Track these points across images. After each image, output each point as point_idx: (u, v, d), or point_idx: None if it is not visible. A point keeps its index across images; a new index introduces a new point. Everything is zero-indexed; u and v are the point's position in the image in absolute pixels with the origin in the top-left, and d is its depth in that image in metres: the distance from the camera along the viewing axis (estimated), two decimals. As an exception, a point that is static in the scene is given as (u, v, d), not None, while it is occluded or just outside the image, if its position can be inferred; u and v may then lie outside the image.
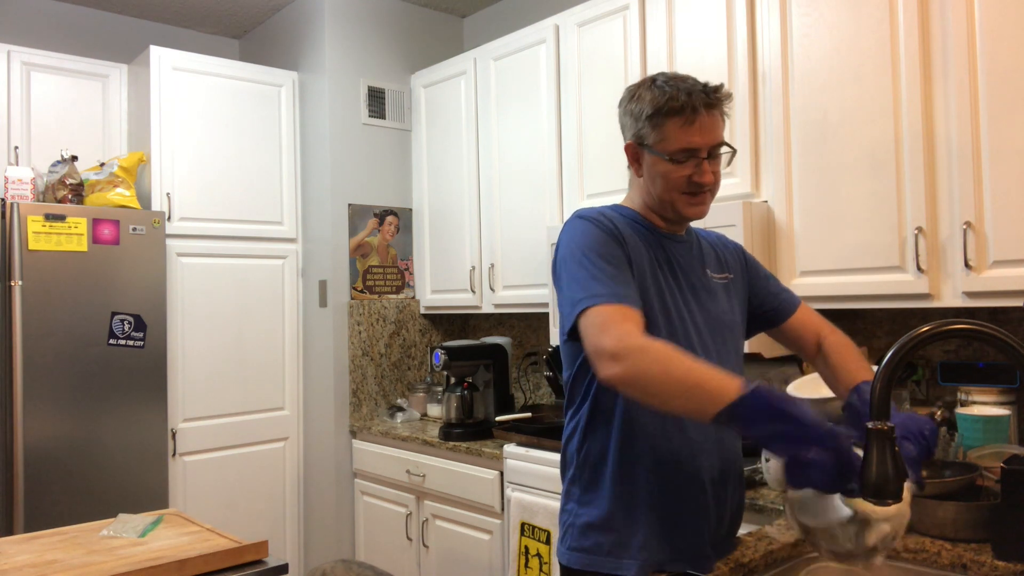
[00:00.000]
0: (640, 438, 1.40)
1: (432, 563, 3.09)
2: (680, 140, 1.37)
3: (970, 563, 1.46)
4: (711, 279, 1.51)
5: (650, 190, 1.44)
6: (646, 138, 1.41)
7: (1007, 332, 1.06)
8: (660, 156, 1.39)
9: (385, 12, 3.76)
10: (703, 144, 1.37)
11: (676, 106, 1.36)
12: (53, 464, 2.93)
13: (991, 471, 1.67)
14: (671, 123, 1.37)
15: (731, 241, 1.66)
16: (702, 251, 1.54)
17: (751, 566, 1.44)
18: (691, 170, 1.38)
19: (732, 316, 1.53)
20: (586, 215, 1.43)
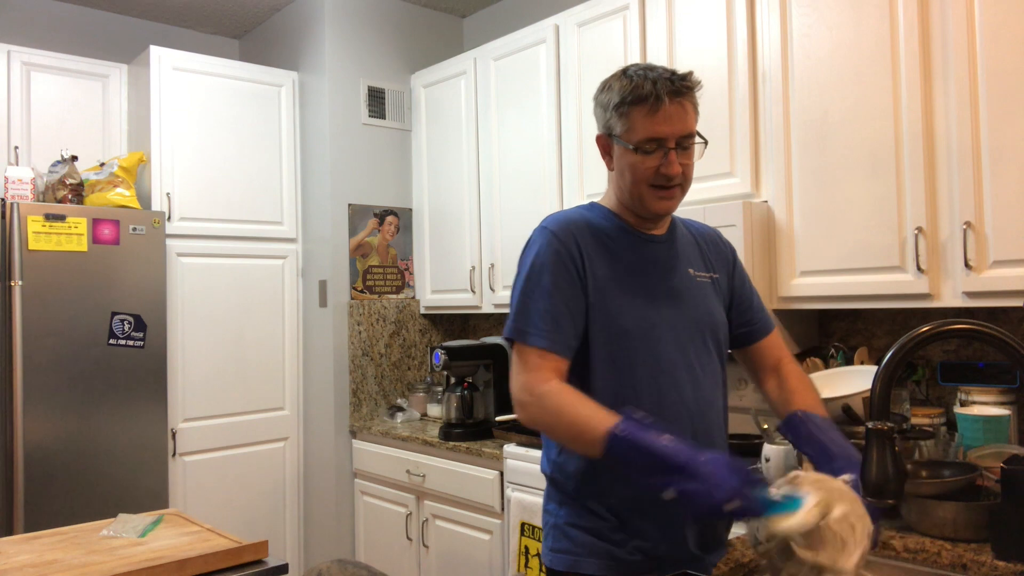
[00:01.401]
0: None
1: (432, 563, 3.09)
2: (645, 129, 1.34)
3: (970, 563, 1.46)
4: (694, 278, 1.47)
5: (620, 184, 1.41)
6: (614, 128, 1.38)
7: (1007, 332, 1.06)
8: (626, 146, 1.36)
9: (385, 12, 3.76)
10: (670, 134, 1.34)
11: (641, 95, 1.33)
12: (53, 464, 2.93)
13: (991, 471, 1.67)
14: (636, 112, 1.34)
15: (726, 241, 1.61)
16: (684, 249, 1.49)
17: (751, 566, 1.44)
18: (658, 161, 1.35)
19: (717, 316, 1.49)
20: (552, 227, 1.40)
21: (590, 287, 1.36)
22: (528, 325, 1.33)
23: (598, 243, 1.40)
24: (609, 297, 1.36)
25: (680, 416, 1.38)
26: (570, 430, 1.27)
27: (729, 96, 2.44)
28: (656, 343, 1.38)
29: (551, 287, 1.34)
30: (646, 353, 1.37)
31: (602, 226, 1.42)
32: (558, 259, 1.35)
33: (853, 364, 2.33)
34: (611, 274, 1.37)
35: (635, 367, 1.36)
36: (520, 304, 1.36)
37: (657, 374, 1.37)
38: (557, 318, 1.32)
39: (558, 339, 1.32)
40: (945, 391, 2.29)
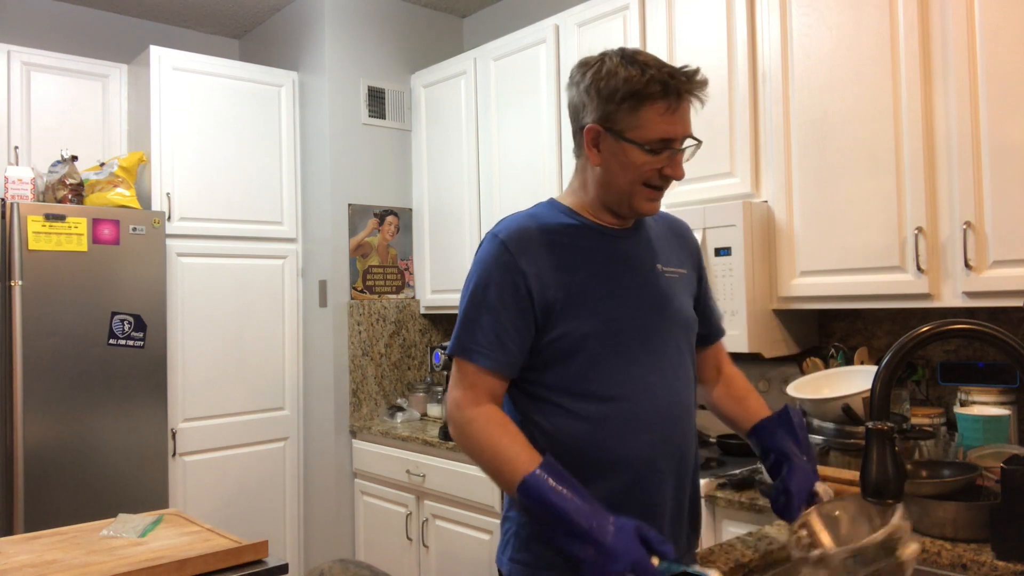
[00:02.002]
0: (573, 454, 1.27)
1: (432, 563, 3.09)
2: (660, 128, 1.23)
3: (970, 563, 1.46)
4: (662, 274, 1.37)
5: (606, 180, 1.29)
6: (617, 123, 1.24)
7: (1007, 332, 1.06)
8: (635, 145, 1.24)
9: (385, 12, 3.76)
10: (681, 134, 1.25)
11: (658, 90, 1.22)
12: (53, 464, 2.93)
13: (991, 471, 1.67)
14: (651, 109, 1.22)
15: (692, 235, 1.53)
16: (653, 243, 1.39)
17: (751, 566, 1.44)
18: (664, 162, 1.25)
19: (688, 313, 1.40)
20: (503, 235, 1.29)
21: (543, 302, 1.26)
22: (471, 342, 1.26)
23: (555, 248, 1.29)
24: (569, 306, 1.27)
25: (651, 423, 1.30)
26: (489, 464, 1.22)
27: (729, 96, 2.44)
28: (624, 347, 1.29)
29: (496, 303, 1.26)
30: (613, 358, 1.28)
31: (560, 228, 1.32)
32: (505, 273, 1.26)
33: (853, 364, 2.33)
34: (571, 279, 1.28)
35: (602, 374, 1.28)
36: (464, 319, 1.29)
37: (625, 380, 1.29)
38: (501, 336, 1.25)
39: (500, 358, 1.25)
40: (945, 391, 2.29)
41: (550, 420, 1.29)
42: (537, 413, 1.31)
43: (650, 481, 1.29)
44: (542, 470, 1.15)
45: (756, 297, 2.30)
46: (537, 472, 1.15)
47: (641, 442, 1.28)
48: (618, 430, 1.27)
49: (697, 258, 1.50)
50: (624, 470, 1.27)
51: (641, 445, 1.28)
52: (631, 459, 1.28)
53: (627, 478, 1.28)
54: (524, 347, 1.28)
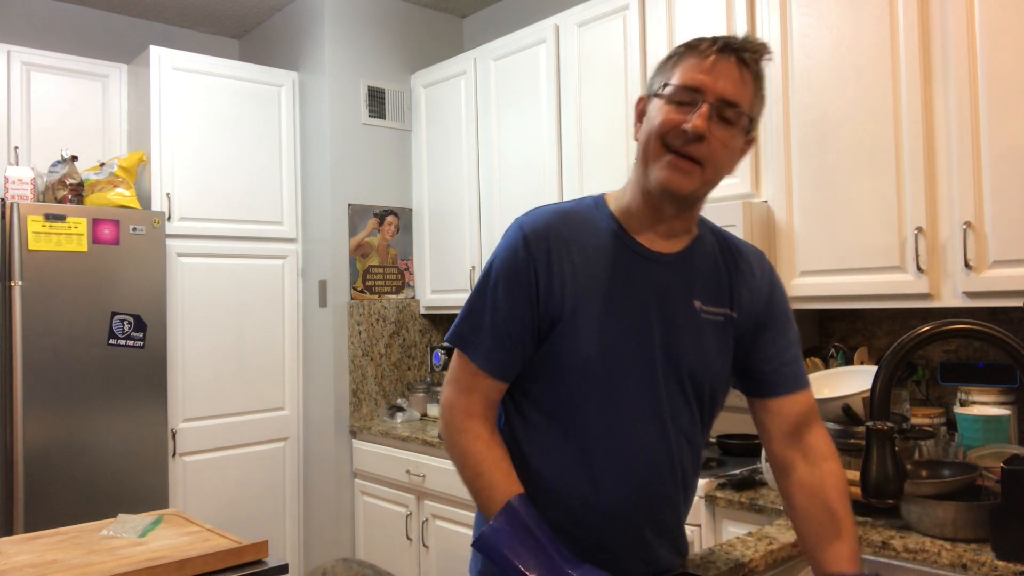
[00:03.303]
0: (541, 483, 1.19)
1: (432, 563, 3.09)
2: (685, 75, 1.11)
3: (970, 563, 1.46)
4: (698, 313, 1.20)
5: (638, 153, 1.16)
6: (654, 84, 1.16)
7: (1007, 332, 1.06)
8: (658, 94, 1.13)
9: (385, 12, 3.76)
10: (710, 86, 1.09)
11: (695, 43, 1.13)
12: (53, 464, 2.93)
13: (991, 471, 1.67)
14: (685, 62, 1.12)
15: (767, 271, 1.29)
16: (697, 275, 1.21)
17: (751, 566, 1.44)
18: (686, 116, 1.09)
19: (714, 364, 1.22)
20: (526, 229, 1.19)
21: (549, 311, 1.16)
22: (471, 335, 1.19)
23: (578, 255, 1.17)
24: (574, 323, 1.15)
25: (629, 475, 1.17)
26: (469, 485, 1.18)
27: (729, 96, 2.44)
28: (622, 386, 1.16)
29: (504, 301, 1.17)
30: (606, 395, 1.16)
31: (592, 236, 1.18)
32: (518, 270, 1.16)
33: (853, 364, 2.33)
34: (583, 296, 1.15)
35: (588, 408, 1.16)
36: (471, 309, 1.21)
37: (614, 421, 1.16)
38: (502, 337, 1.16)
39: (499, 360, 1.17)
40: (945, 391, 2.29)
41: (525, 437, 1.21)
42: (516, 425, 1.23)
43: (613, 530, 1.18)
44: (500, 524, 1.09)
45: (756, 297, 2.30)
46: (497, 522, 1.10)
47: (613, 491, 1.17)
48: (591, 473, 1.17)
49: (764, 298, 1.26)
50: (588, 514, 1.17)
51: (612, 494, 1.17)
52: (598, 505, 1.17)
53: (584, 520, 1.18)
54: (525, 353, 1.18)
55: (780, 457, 1.25)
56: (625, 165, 2.72)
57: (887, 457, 1.06)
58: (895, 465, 1.06)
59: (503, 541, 1.08)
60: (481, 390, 1.19)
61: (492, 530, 1.10)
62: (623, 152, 2.74)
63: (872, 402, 1.10)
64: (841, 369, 2.24)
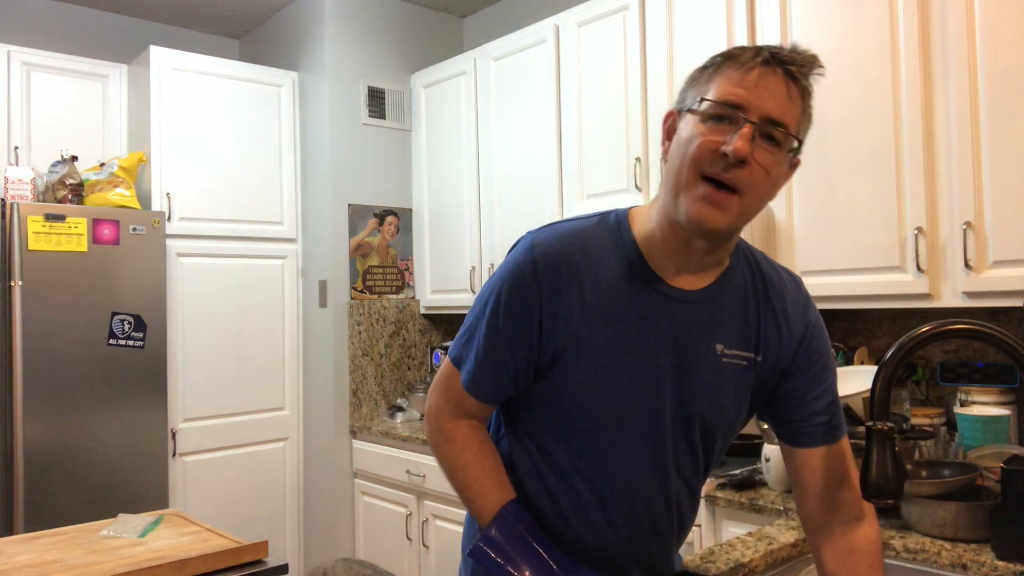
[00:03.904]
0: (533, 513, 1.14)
1: (432, 563, 3.09)
2: (725, 89, 0.97)
3: (970, 563, 1.46)
4: (719, 357, 1.09)
5: (667, 175, 1.02)
6: (687, 99, 1.02)
7: (1007, 332, 1.06)
8: (693, 110, 0.99)
9: (385, 12, 3.76)
10: (754, 103, 0.95)
11: (737, 52, 0.99)
12: (53, 464, 2.93)
13: (991, 471, 1.67)
14: (724, 74, 0.98)
15: (806, 308, 1.16)
16: (723, 315, 1.09)
17: (751, 566, 1.44)
18: (725, 137, 0.95)
19: (730, 414, 1.13)
20: (537, 252, 1.07)
21: (551, 346, 1.06)
22: (466, 358, 1.12)
23: (591, 288, 1.05)
24: (579, 363, 1.06)
25: (624, 520, 1.12)
26: (460, 493, 1.16)
27: (729, 96, 2.44)
28: (625, 431, 1.08)
29: (503, 330, 1.07)
30: (608, 440, 1.08)
31: (610, 264, 1.06)
32: (523, 299, 1.06)
33: (853, 364, 2.33)
34: (591, 334, 1.05)
35: (588, 453, 1.10)
36: (470, 327, 1.13)
37: (613, 467, 1.09)
38: (496, 367, 1.08)
39: (490, 388, 1.11)
40: (945, 391, 2.29)
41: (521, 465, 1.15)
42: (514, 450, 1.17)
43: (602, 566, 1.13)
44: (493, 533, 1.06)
45: (756, 297, 2.30)
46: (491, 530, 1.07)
47: (606, 534, 1.11)
48: (585, 514, 1.11)
49: (798, 340, 1.13)
50: (577, 550, 1.13)
51: (605, 537, 1.12)
52: (589, 546, 1.12)
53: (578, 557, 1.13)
54: (520, 382, 1.10)
55: (811, 515, 1.16)
56: (625, 165, 2.72)
57: (887, 457, 1.06)
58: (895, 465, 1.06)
59: (497, 549, 1.05)
60: (467, 407, 1.15)
61: (486, 539, 1.06)
62: (623, 152, 2.74)
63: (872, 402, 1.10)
64: (841, 369, 2.24)
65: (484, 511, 1.10)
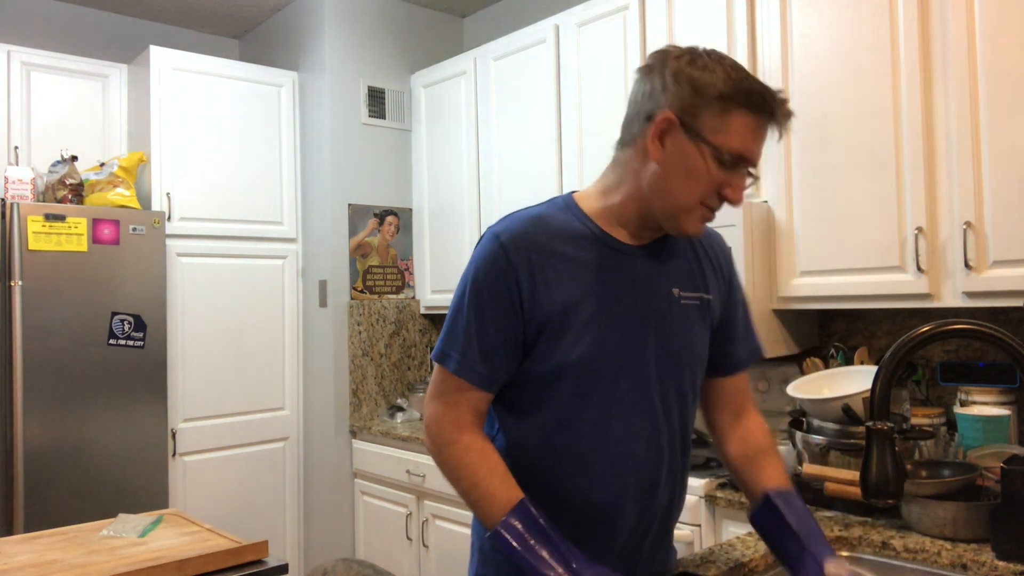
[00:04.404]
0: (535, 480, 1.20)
1: (432, 563, 3.09)
2: (742, 142, 1.09)
3: (970, 563, 1.46)
4: (678, 300, 1.22)
5: (660, 184, 1.12)
6: (700, 119, 1.08)
7: (1007, 332, 1.06)
8: (712, 149, 1.08)
9: (385, 12, 3.76)
10: (754, 154, 1.11)
11: (756, 103, 1.09)
12: (53, 464, 2.93)
13: (991, 471, 1.67)
14: (742, 119, 1.08)
15: (725, 249, 1.34)
16: (671, 263, 1.24)
17: (751, 566, 1.44)
18: (730, 180, 1.11)
19: (699, 349, 1.26)
20: (503, 238, 1.16)
21: (536, 318, 1.15)
22: (454, 350, 1.17)
23: (559, 260, 1.16)
24: (563, 326, 1.15)
25: (625, 467, 1.19)
26: (466, 496, 1.17)
27: (729, 96, 2.44)
28: (614, 382, 1.17)
29: (486, 313, 1.15)
30: (599, 394, 1.17)
31: (569, 237, 1.18)
32: (499, 281, 1.14)
33: (853, 364, 2.33)
34: (569, 299, 1.15)
35: (582, 409, 1.17)
36: (451, 324, 1.19)
37: (608, 418, 1.18)
38: (487, 350, 1.15)
39: (483, 372, 1.16)
40: (945, 391, 2.29)
41: (517, 440, 1.22)
42: (506, 428, 1.23)
43: (609, 524, 1.20)
44: (512, 521, 1.09)
45: (756, 297, 2.30)
46: (506, 523, 1.09)
47: (609, 485, 1.18)
48: (586, 468, 1.18)
49: (729, 279, 1.32)
50: (582, 509, 1.19)
51: (608, 488, 1.18)
52: (594, 500, 1.19)
53: (583, 516, 1.19)
54: (511, 364, 1.18)
55: (720, 425, 1.35)
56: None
57: (887, 457, 1.06)
58: (895, 465, 1.06)
59: (516, 536, 1.08)
60: (468, 402, 1.18)
61: (506, 525, 1.09)
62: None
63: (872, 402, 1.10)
64: (841, 369, 2.24)
65: (493, 508, 1.13)
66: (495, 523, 1.11)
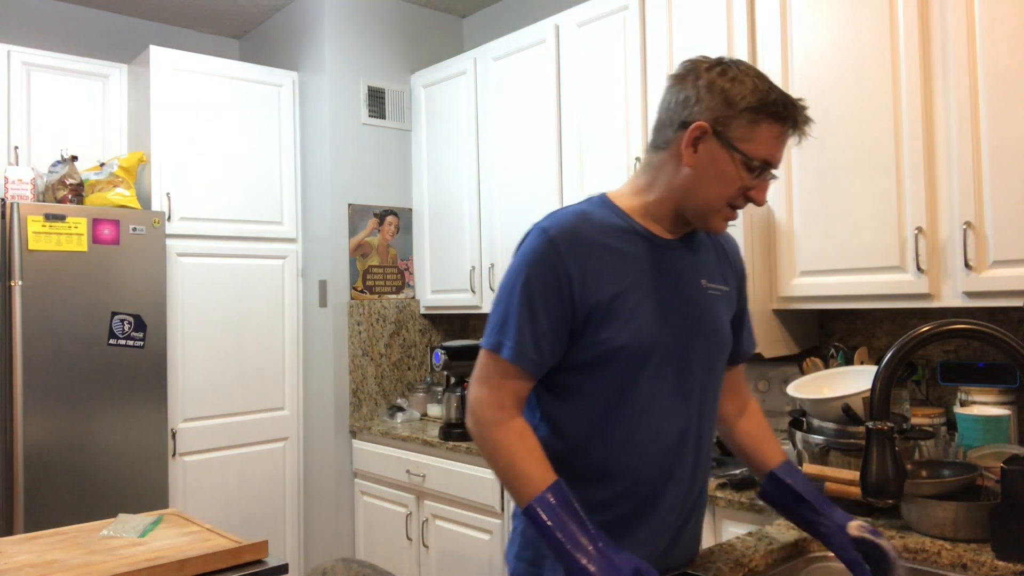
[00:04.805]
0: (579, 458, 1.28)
1: (432, 563, 3.09)
2: (768, 149, 1.21)
3: (970, 563, 1.46)
4: (705, 290, 1.34)
5: (691, 186, 1.24)
6: (731, 129, 1.20)
7: (1007, 332, 1.06)
8: (743, 156, 1.20)
9: (385, 12, 3.76)
10: (776, 159, 1.23)
11: (782, 113, 1.20)
12: (53, 464, 2.93)
13: (991, 471, 1.67)
14: (768, 129, 1.20)
15: (739, 253, 1.49)
16: (699, 256, 1.36)
17: (751, 566, 1.44)
18: (754, 184, 1.23)
19: (725, 334, 1.37)
20: (552, 232, 1.25)
21: (584, 307, 1.23)
22: (507, 338, 1.23)
23: (604, 251, 1.25)
24: (609, 314, 1.24)
25: (667, 443, 1.28)
26: (503, 474, 1.22)
27: (729, 96, 2.44)
28: (657, 366, 1.26)
29: (537, 302, 1.23)
30: (644, 377, 1.26)
31: (611, 230, 1.28)
32: (550, 272, 1.23)
33: (853, 364, 2.33)
34: (614, 289, 1.24)
35: (628, 388, 1.26)
36: (501, 314, 1.26)
37: (650, 398, 1.27)
38: (536, 337, 1.22)
39: (535, 359, 1.23)
40: (945, 391, 2.29)
41: (563, 424, 1.28)
42: (554, 411, 1.30)
43: (648, 498, 1.28)
44: (548, 496, 1.15)
45: (756, 297, 2.30)
46: (541, 499, 1.15)
47: (651, 460, 1.27)
48: (631, 444, 1.26)
49: (741, 276, 1.46)
50: (624, 482, 1.27)
51: (650, 463, 1.27)
52: (637, 475, 1.26)
53: (625, 489, 1.27)
54: (558, 352, 1.25)
55: (726, 409, 1.47)
56: (625, 164, 2.72)
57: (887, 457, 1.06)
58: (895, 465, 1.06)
59: (550, 512, 1.14)
60: (511, 387, 1.24)
61: (541, 501, 1.15)
62: (623, 152, 2.74)
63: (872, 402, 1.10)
64: (841, 369, 2.24)
65: (529, 487, 1.18)
66: (529, 500, 1.16)
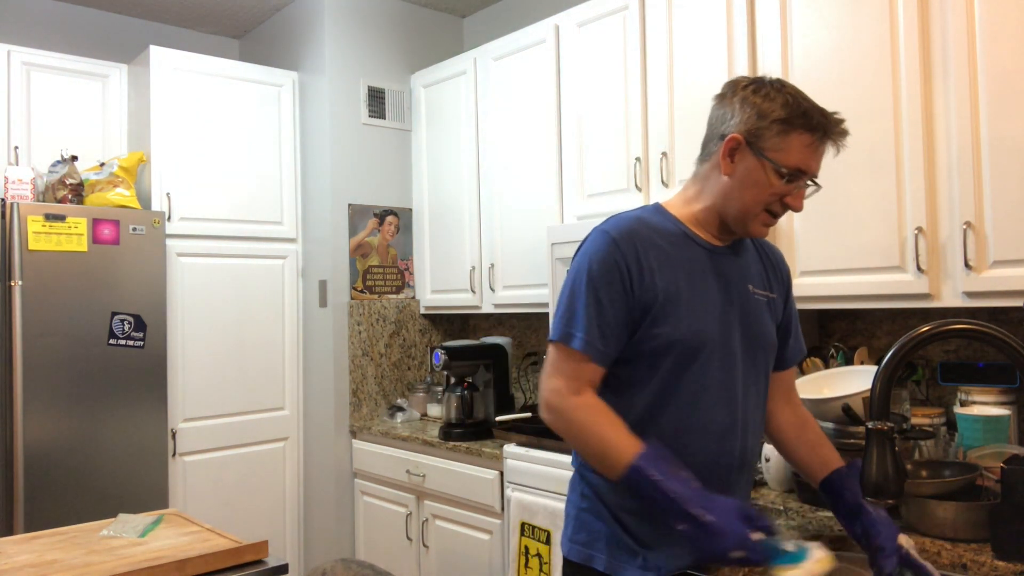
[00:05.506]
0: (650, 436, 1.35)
1: (432, 563, 3.09)
2: (800, 158, 1.31)
3: (970, 563, 1.46)
4: (752, 295, 1.44)
5: (730, 193, 1.36)
6: (762, 139, 1.31)
7: (1007, 332, 1.06)
8: (773, 165, 1.31)
9: (385, 12, 3.76)
10: (813, 168, 1.33)
11: (811, 124, 1.30)
12: (53, 464, 2.93)
13: (991, 471, 1.67)
14: (799, 138, 1.30)
15: (785, 263, 1.59)
16: (746, 263, 1.47)
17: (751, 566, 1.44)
18: (790, 191, 1.33)
19: (771, 336, 1.47)
20: (613, 233, 1.36)
21: (643, 301, 1.34)
22: (574, 328, 1.33)
23: (660, 252, 1.37)
24: (664, 310, 1.34)
25: (714, 436, 1.37)
26: (594, 449, 1.30)
27: (729, 96, 2.44)
28: (706, 360, 1.36)
29: (602, 296, 1.33)
30: (694, 367, 1.35)
31: (666, 233, 1.39)
32: (613, 268, 1.34)
33: (853, 364, 2.33)
34: (669, 286, 1.35)
35: (680, 381, 1.35)
36: (568, 308, 1.36)
37: (699, 391, 1.36)
38: (603, 328, 1.33)
39: (603, 349, 1.33)
40: (945, 391, 2.29)
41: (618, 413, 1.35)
42: (608, 404, 1.35)
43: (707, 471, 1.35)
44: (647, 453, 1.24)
45: (756, 297, 2.30)
46: (642, 457, 1.23)
47: (700, 452, 1.35)
48: (681, 436, 1.35)
49: (787, 285, 1.55)
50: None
51: (699, 455, 1.34)
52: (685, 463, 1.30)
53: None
54: (621, 342, 1.35)
55: (774, 411, 1.54)
56: (625, 165, 2.72)
57: (887, 457, 1.06)
58: (895, 465, 1.06)
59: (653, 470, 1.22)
60: (586, 374, 1.34)
61: (647, 458, 1.23)
62: (623, 152, 2.74)
63: (872, 402, 1.10)
64: (841, 369, 2.24)
65: (622, 454, 1.26)
66: (627, 464, 1.24)
